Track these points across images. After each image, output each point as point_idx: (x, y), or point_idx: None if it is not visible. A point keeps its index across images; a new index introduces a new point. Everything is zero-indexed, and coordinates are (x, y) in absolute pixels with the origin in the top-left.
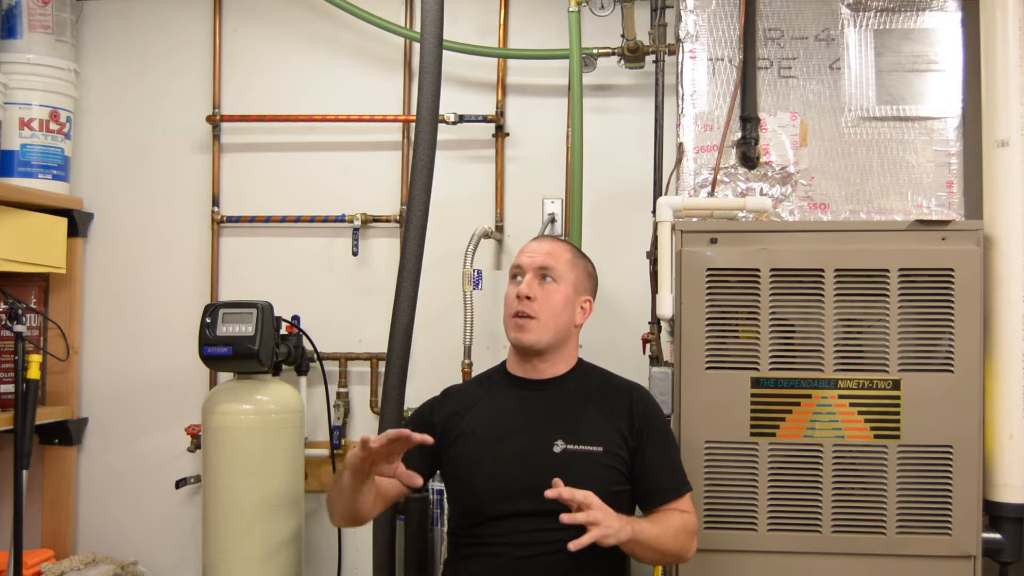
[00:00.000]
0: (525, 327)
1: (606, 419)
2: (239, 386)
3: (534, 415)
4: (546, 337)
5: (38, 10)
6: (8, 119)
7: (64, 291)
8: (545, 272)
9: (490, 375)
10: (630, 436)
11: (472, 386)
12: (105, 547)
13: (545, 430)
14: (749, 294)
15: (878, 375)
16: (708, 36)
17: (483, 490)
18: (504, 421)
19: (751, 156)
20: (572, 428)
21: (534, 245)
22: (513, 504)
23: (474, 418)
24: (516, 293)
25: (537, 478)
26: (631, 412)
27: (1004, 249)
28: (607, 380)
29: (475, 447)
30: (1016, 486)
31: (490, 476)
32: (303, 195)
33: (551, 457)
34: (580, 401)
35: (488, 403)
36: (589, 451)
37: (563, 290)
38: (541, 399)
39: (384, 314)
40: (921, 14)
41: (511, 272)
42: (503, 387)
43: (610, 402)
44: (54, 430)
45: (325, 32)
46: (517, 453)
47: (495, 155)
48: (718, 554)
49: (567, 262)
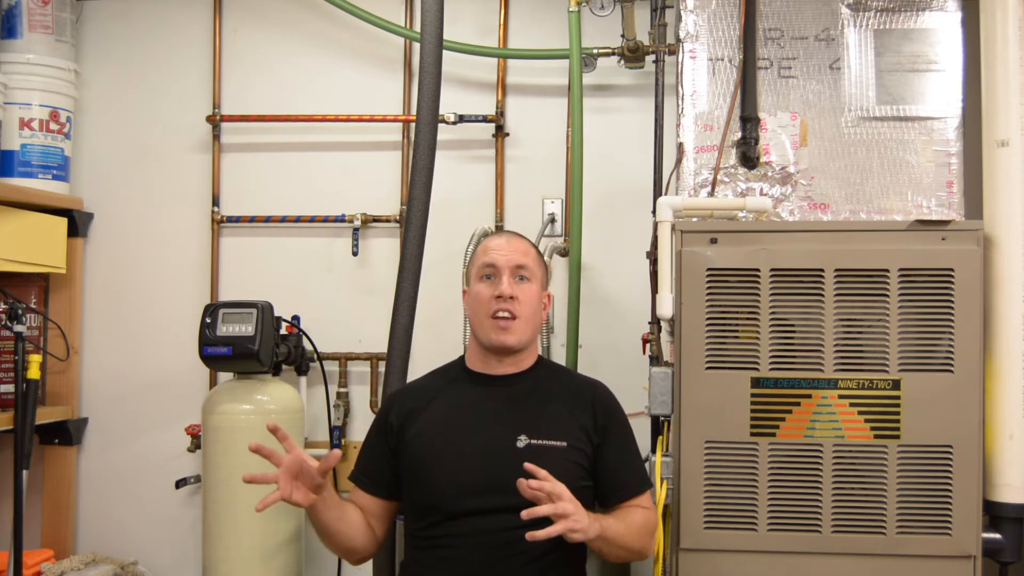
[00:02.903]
0: (509, 328)
1: (568, 415)
2: (239, 386)
3: (496, 410)
4: (526, 336)
5: (38, 10)
6: (8, 119)
7: (64, 291)
8: (521, 271)
9: (447, 370)
10: (593, 432)
11: (429, 381)
12: (105, 547)
13: (508, 425)
14: (749, 294)
15: (878, 375)
16: (708, 36)
17: (444, 487)
18: (465, 417)
19: (751, 156)
20: (535, 423)
21: (502, 243)
22: (476, 501)
23: (433, 414)
24: (497, 293)
25: (501, 473)
26: (593, 408)
27: (1004, 249)
28: (569, 377)
29: (434, 443)
30: (1016, 486)
31: (451, 472)
32: (303, 195)
33: (515, 452)
34: (542, 397)
35: (446, 399)
36: (553, 446)
37: (536, 288)
38: (502, 394)
39: (384, 314)
40: (921, 14)
41: (481, 271)
42: (462, 383)
43: (572, 398)
44: (54, 430)
45: (325, 32)
46: (479, 448)
47: (495, 155)
48: (718, 554)
49: (535, 259)
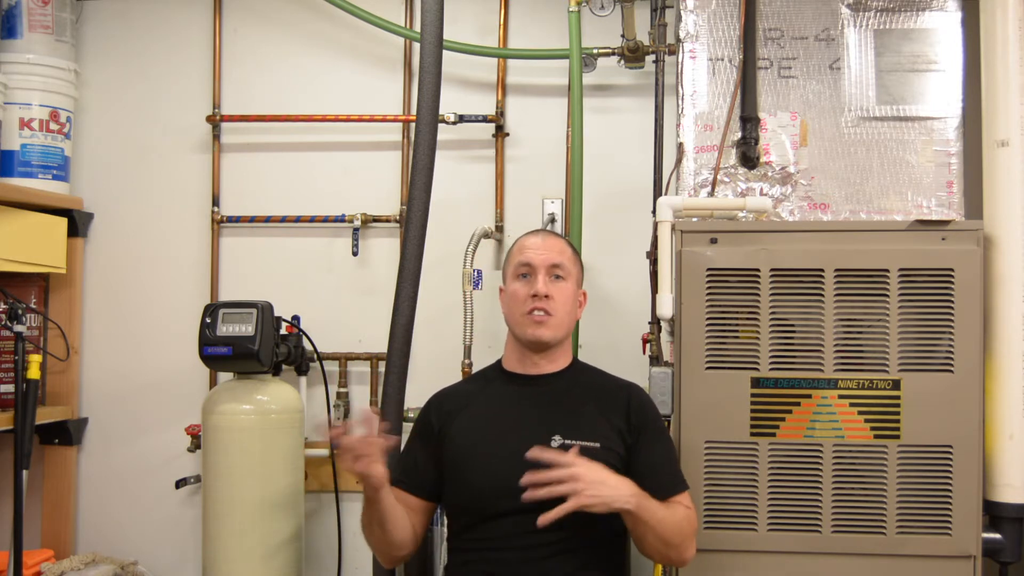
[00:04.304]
0: (545, 323)
1: (603, 416)
2: (239, 386)
3: (531, 410)
4: (561, 333)
5: (38, 10)
6: (8, 119)
7: (64, 291)
8: (557, 271)
9: (485, 373)
10: (627, 433)
11: (467, 384)
12: (105, 547)
13: (542, 425)
14: (749, 294)
15: (878, 375)
16: (708, 36)
17: (481, 487)
18: (501, 417)
19: (751, 156)
20: (569, 423)
21: (538, 241)
22: (513, 500)
23: (470, 415)
24: (533, 292)
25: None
26: (628, 410)
27: (1004, 249)
28: (604, 378)
29: (472, 444)
30: (1016, 486)
31: (488, 472)
32: (303, 195)
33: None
34: (577, 397)
35: (484, 400)
36: (586, 446)
37: (571, 287)
38: (538, 394)
39: (384, 314)
40: (921, 14)
41: (518, 270)
42: (499, 384)
43: (607, 399)
44: (54, 430)
45: (325, 32)
46: (515, 449)
47: (495, 155)
48: (718, 554)
49: (571, 258)
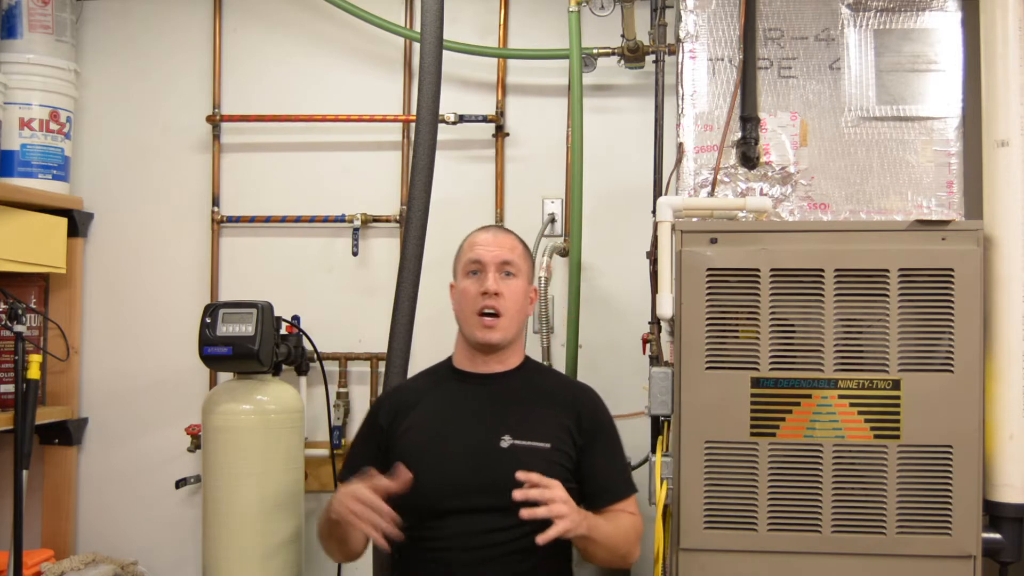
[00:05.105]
0: (494, 326)
1: (554, 416)
2: (239, 386)
3: (481, 410)
4: (511, 333)
5: (38, 10)
6: (8, 119)
7: (64, 291)
8: (507, 267)
9: (436, 370)
10: (577, 434)
11: (418, 382)
12: (105, 547)
13: (492, 425)
14: (749, 294)
15: (878, 375)
16: (708, 36)
17: (430, 486)
18: (451, 416)
19: (751, 156)
20: (520, 423)
21: (489, 238)
22: (461, 500)
23: (420, 414)
24: (483, 290)
25: (485, 473)
26: (580, 411)
27: (1004, 249)
28: (556, 378)
29: (421, 442)
30: (1016, 486)
31: (437, 471)
32: (303, 195)
33: (498, 452)
34: (528, 397)
35: (434, 399)
36: (536, 447)
37: (522, 284)
38: (488, 394)
39: (384, 314)
40: (921, 14)
41: (468, 267)
42: (450, 382)
43: (558, 400)
44: (54, 430)
45: (325, 32)
46: (464, 448)
47: (495, 155)
48: (718, 554)
49: (522, 255)
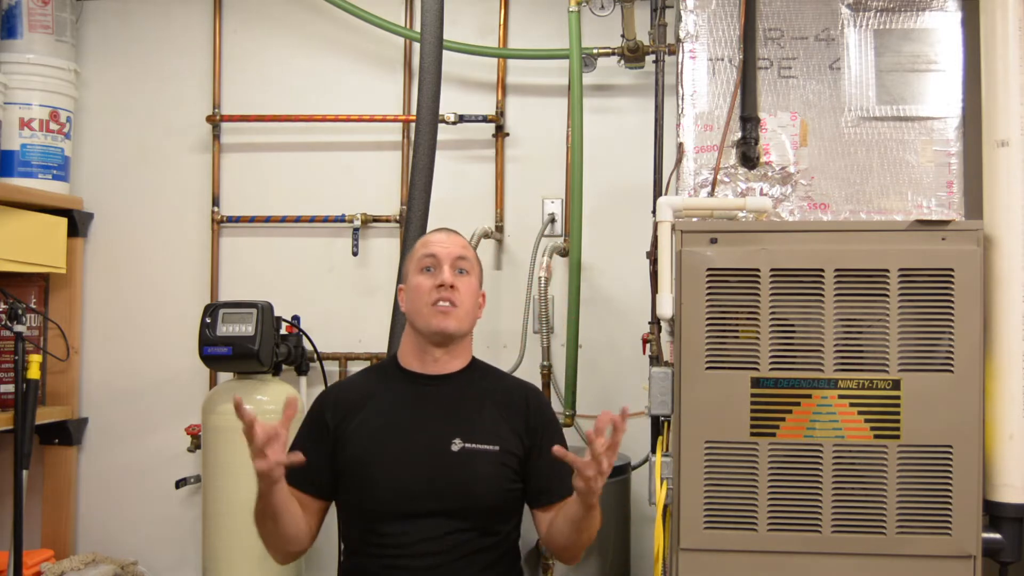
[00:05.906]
0: (449, 313)
1: (501, 418)
2: (239, 386)
3: (431, 412)
4: (465, 327)
5: (38, 10)
6: (8, 119)
7: (64, 291)
8: (462, 263)
9: (383, 368)
10: (525, 435)
11: (363, 381)
12: (105, 547)
13: (443, 428)
14: (749, 294)
15: (878, 375)
16: (708, 36)
17: (382, 489)
18: (401, 419)
19: (751, 156)
20: (469, 426)
21: (443, 237)
22: (413, 504)
23: (369, 416)
24: (438, 283)
25: (437, 477)
26: (526, 412)
27: (1004, 249)
28: (501, 379)
29: (372, 447)
30: (1016, 486)
31: (389, 475)
32: (303, 195)
33: (450, 456)
34: (476, 399)
35: (382, 401)
36: (486, 450)
37: (475, 282)
38: (437, 396)
39: (384, 314)
40: (921, 14)
41: (422, 263)
42: (398, 383)
43: (506, 401)
44: (54, 430)
45: (325, 32)
46: (415, 452)
47: (495, 155)
48: (718, 554)
49: (473, 256)
